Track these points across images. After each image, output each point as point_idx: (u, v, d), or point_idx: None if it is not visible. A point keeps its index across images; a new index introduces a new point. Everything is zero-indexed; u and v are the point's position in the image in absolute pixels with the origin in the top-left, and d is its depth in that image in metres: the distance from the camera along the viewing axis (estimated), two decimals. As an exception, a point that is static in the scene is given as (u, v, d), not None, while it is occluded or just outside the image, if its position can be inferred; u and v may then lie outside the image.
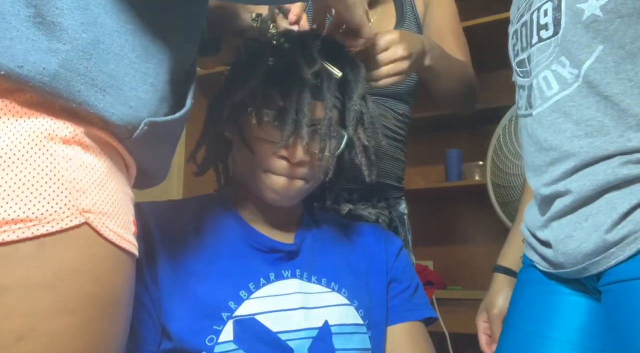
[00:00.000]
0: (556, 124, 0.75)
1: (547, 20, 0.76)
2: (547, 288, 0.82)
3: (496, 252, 1.37)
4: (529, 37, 0.81)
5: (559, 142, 0.74)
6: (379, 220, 1.16)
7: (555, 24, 0.75)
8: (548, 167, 0.77)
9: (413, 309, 0.87)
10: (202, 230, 0.78)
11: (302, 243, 0.82)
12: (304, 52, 0.73)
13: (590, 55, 0.71)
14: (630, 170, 0.68)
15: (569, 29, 0.73)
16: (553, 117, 0.75)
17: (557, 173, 0.75)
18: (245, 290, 0.74)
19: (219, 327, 0.70)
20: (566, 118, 0.74)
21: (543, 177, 0.78)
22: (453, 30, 1.24)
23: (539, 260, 0.83)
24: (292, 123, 0.71)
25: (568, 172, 0.74)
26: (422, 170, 2.51)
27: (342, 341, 0.76)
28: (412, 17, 1.26)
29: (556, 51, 0.76)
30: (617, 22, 0.69)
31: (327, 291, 0.79)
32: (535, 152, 0.79)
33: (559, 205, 0.75)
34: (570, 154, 0.73)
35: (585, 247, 0.72)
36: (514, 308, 0.88)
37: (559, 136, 0.74)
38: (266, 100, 0.73)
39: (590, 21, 0.70)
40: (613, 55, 0.70)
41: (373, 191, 1.17)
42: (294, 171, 0.75)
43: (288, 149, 0.73)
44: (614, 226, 0.69)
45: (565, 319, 0.80)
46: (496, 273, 1.04)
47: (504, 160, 1.89)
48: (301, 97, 0.72)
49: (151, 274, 0.71)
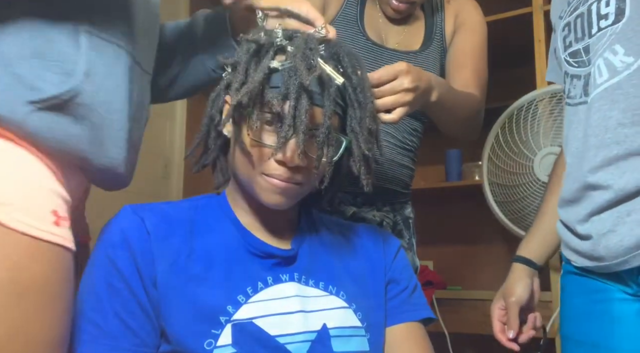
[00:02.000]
0: (602, 111, 0.76)
1: (609, 10, 0.78)
2: (596, 296, 0.83)
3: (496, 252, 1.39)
4: (586, 27, 0.82)
5: (603, 128, 0.76)
6: (383, 222, 1.16)
7: (617, 14, 0.77)
8: (591, 152, 0.78)
9: (412, 310, 0.87)
10: (201, 233, 0.78)
11: (299, 248, 0.82)
12: (306, 57, 0.73)
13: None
14: None
15: (633, 18, 0.74)
16: (600, 104, 0.77)
17: (598, 159, 0.76)
18: (243, 294, 0.74)
19: (218, 331, 0.70)
20: (612, 105, 0.75)
21: (587, 163, 0.79)
22: (474, 59, 1.22)
23: (577, 257, 0.84)
24: (289, 128, 0.71)
25: (611, 160, 0.75)
26: (422, 170, 2.51)
27: (341, 344, 0.76)
28: (438, 40, 1.25)
29: (611, 39, 0.77)
30: None
31: (325, 294, 0.79)
32: (582, 138, 0.81)
33: (599, 200, 0.77)
34: (614, 142, 0.74)
35: (628, 241, 0.73)
36: (568, 320, 0.89)
37: (604, 122, 0.76)
38: (265, 104, 0.73)
39: None
40: None
41: (378, 195, 1.17)
42: (290, 175, 0.74)
43: (284, 154, 0.72)
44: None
45: (623, 328, 0.80)
46: (516, 263, 1.07)
47: (503, 158, 1.88)
48: (300, 102, 0.72)
49: (150, 277, 0.72)
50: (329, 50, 0.79)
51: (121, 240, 0.72)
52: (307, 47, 0.75)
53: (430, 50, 1.23)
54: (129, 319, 0.70)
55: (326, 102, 0.73)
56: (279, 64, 0.74)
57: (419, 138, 1.28)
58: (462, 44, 1.24)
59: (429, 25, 1.25)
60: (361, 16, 1.21)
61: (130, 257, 0.71)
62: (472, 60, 1.21)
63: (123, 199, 0.85)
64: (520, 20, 2.00)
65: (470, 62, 1.21)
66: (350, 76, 0.78)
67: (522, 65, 2.30)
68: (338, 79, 0.74)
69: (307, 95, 0.72)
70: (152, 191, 2.33)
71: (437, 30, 1.25)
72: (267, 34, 0.79)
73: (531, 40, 1.94)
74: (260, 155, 0.75)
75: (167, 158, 2.46)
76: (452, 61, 1.23)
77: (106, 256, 0.72)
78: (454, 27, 1.26)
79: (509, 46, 2.17)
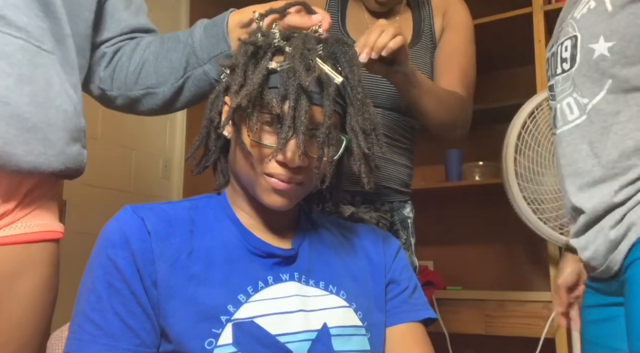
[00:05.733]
0: (574, 144, 0.86)
1: (567, 55, 0.87)
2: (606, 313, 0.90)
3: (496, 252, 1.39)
4: (554, 67, 0.92)
5: (575, 159, 0.86)
6: (379, 224, 1.16)
7: (572, 59, 0.86)
8: (567, 179, 0.89)
9: (412, 310, 0.87)
10: (201, 233, 0.78)
11: (299, 247, 0.82)
12: (304, 57, 0.73)
13: (602, 88, 0.81)
14: (625, 195, 0.79)
15: (582, 64, 0.83)
16: (572, 137, 0.87)
17: (573, 188, 0.87)
18: (244, 294, 0.74)
19: (218, 330, 0.70)
20: (582, 139, 0.84)
21: (566, 189, 0.89)
22: (460, 59, 1.22)
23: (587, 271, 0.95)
24: (289, 129, 0.71)
25: (583, 187, 0.85)
26: (422, 170, 2.51)
27: (342, 343, 0.76)
28: (428, 33, 1.25)
29: (574, 83, 0.85)
30: (622, 61, 0.79)
31: (325, 294, 0.79)
32: (559, 167, 0.92)
33: (579, 222, 0.87)
34: (584, 171, 0.84)
35: (599, 254, 0.83)
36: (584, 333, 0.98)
37: (575, 155, 0.86)
38: (264, 104, 0.73)
39: (599, 60, 0.80)
40: (621, 88, 0.79)
41: (376, 194, 1.17)
42: (291, 176, 0.75)
43: (285, 155, 0.72)
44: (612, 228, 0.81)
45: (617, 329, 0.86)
46: (565, 252, 1.30)
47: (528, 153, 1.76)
48: (299, 103, 0.72)
49: (150, 276, 0.72)
50: (326, 49, 0.79)
51: (121, 240, 0.72)
52: (305, 48, 0.75)
53: (420, 46, 1.23)
54: (129, 319, 0.70)
55: (326, 102, 0.73)
56: (277, 65, 0.74)
57: (415, 136, 1.27)
58: (448, 44, 1.24)
59: (417, 22, 1.25)
60: (342, 17, 1.22)
61: (131, 256, 0.71)
62: (459, 61, 1.22)
63: (123, 199, 0.85)
64: (520, 20, 2.00)
65: (457, 63, 1.21)
66: (348, 75, 0.78)
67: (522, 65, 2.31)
68: (337, 78, 0.74)
69: (306, 96, 0.72)
70: (152, 191, 2.33)
71: (426, 26, 1.25)
72: (265, 35, 0.79)
73: (531, 40, 1.95)
74: (260, 155, 0.75)
75: (167, 158, 2.46)
76: (439, 62, 1.23)
77: (106, 256, 0.72)
78: (443, 25, 1.26)
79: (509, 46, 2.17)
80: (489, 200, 2.35)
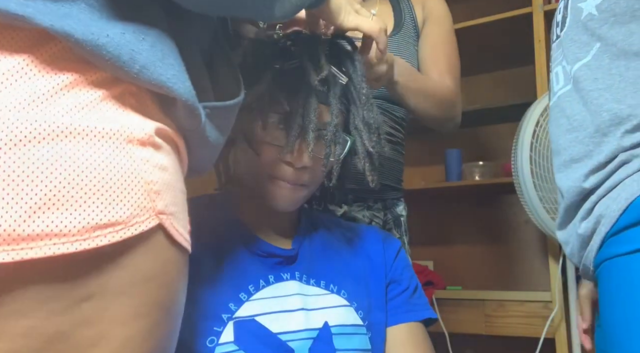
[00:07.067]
0: (556, 118, 0.78)
1: (560, 18, 0.80)
2: None
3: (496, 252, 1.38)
4: (552, 35, 0.85)
5: (556, 135, 0.78)
6: (372, 222, 1.16)
7: (562, 22, 0.79)
8: (553, 159, 0.80)
9: (412, 310, 0.87)
10: (202, 233, 0.78)
11: (300, 247, 0.82)
12: (312, 57, 0.73)
13: (588, 53, 0.73)
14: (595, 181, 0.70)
15: (571, 27, 0.76)
16: (555, 112, 0.79)
17: (554, 168, 0.79)
18: (245, 292, 0.74)
19: (220, 328, 0.71)
20: (562, 113, 0.76)
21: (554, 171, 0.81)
22: (445, 49, 1.23)
23: None
24: (298, 127, 0.71)
25: (560, 167, 0.76)
26: (422, 170, 2.51)
27: (343, 342, 0.76)
28: (410, 22, 1.25)
29: (563, 49, 0.79)
30: (611, 20, 0.71)
31: (326, 293, 0.79)
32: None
33: (560, 210, 0.79)
34: (562, 148, 0.76)
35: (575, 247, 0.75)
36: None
37: (556, 130, 0.78)
38: (273, 104, 0.73)
39: (587, 19, 0.73)
40: (608, 52, 0.71)
41: (369, 192, 1.17)
42: (297, 177, 0.75)
43: (293, 154, 0.73)
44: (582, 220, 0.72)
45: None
46: None
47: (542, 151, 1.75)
48: (308, 101, 0.72)
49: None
50: (330, 49, 0.79)
51: None
52: (313, 47, 0.75)
53: (403, 33, 1.23)
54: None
55: (332, 101, 0.74)
56: (285, 64, 0.75)
57: (404, 127, 1.27)
58: (432, 35, 1.24)
59: (397, 11, 1.25)
60: None
61: None
62: (445, 52, 1.22)
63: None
64: (520, 20, 2.00)
65: (443, 54, 1.22)
66: (352, 74, 0.78)
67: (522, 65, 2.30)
68: (342, 78, 0.75)
69: (315, 95, 0.72)
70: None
71: (407, 15, 1.25)
72: (271, 35, 0.79)
73: (531, 40, 1.94)
74: (268, 156, 0.75)
75: (168, 158, 2.46)
76: (425, 55, 1.23)
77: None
78: (424, 16, 1.27)
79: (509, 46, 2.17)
80: (489, 200, 2.35)
